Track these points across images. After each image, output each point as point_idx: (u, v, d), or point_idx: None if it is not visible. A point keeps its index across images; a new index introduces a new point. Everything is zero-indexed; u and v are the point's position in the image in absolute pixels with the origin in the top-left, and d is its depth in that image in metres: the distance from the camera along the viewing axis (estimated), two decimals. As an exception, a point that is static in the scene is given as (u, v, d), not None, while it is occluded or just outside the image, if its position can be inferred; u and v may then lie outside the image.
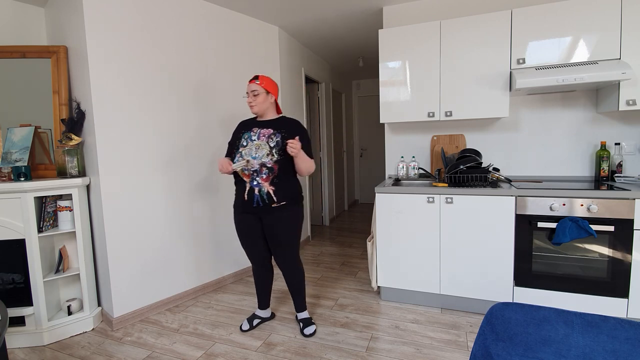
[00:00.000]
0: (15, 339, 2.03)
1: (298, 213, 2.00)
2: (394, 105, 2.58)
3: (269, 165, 1.87)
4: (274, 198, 1.90)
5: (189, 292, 2.62)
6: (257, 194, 1.89)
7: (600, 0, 2.08)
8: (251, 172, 1.88)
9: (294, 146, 1.77)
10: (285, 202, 1.93)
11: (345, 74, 5.64)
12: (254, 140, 1.92)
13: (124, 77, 2.21)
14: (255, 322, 2.20)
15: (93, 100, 2.08)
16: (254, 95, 1.94)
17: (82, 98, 2.18)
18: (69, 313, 2.19)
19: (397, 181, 2.70)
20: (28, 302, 2.07)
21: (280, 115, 2.06)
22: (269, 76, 2.06)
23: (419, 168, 2.78)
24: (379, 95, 2.62)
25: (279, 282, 2.88)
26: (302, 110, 3.96)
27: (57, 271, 2.18)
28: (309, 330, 2.08)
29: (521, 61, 2.25)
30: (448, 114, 2.44)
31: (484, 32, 2.31)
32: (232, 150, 1.99)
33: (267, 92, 1.96)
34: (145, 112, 2.32)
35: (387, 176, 2.97)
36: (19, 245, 2.03)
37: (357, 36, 3.67)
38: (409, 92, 2.53)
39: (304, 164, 1.90)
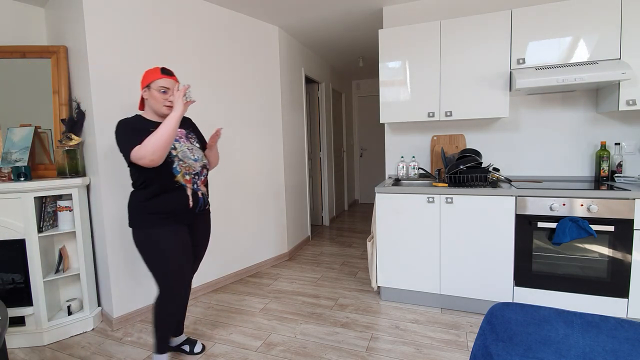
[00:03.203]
0: (15, 339, 2.03)
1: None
2: (394, 105, 2.58)
3: (207, 168, 1.78)
4: (208, 200, 1.79)
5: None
6: (201, 197, 1.72)
7: (600, 0, 2.08)
8: (192, 175, 1.67)
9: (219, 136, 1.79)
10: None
11: (345, 74, 5.64)
12: (179, 141, 1.67)
13: (124, 77, 2.20)
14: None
15: (93, 100, 2.08)
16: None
17: (82, 98, 2.18)
18: (69, 313, 2.19)
19: (397, 181, 2.70)
20: (28, 302, 2.06)
21: None
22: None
23: (419, 168, 2.78)
24: (379, 95, 2.62)
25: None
26: (302, 110, 3.96)
27: (57, 271, 2.18)
28: None
29: (521, 61, 2.25)
30: (448, 114, 2.44)
31: (484, 32, 2.31)
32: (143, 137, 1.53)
33: None
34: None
35: (387, 176, 2.97)
36: (19, 245, 2.03)
37: (357, 36, 3.67)
38: (409, 92, 2.53)
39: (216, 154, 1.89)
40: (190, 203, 1.67)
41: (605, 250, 1.97)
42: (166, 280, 1.64)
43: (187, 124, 1.82)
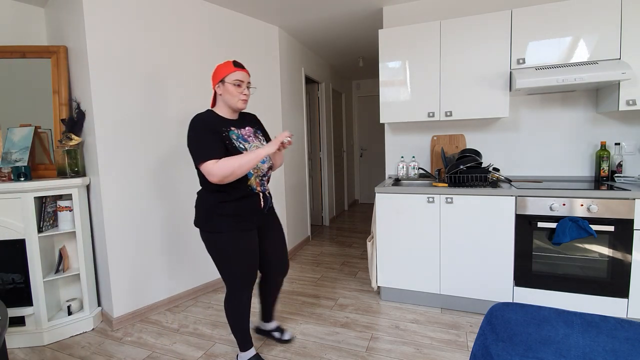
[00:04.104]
0: (15, 339, 2.03)
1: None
2: (394, 105, 2.58)
3: (271, 168, 1.76)
4: (271, 199, 1.80)
5: (189, 292, 2.62)
6: (268, 196, 1.74)
7: (600, 0, 2.08)
8: (260, 177, 1.68)
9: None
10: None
11: (345, 74, 5.63)
12: (248, 141, 1.64)
13: (124, 77, 2.20)
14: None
15: (93, 100, 2.08)
16: (247, 88, 1.63)
17: (82, 98, 2.18)
18: (69, 313, 2.18)
19: (397, 181, 2.70)
20: (28, 302, 2.06)
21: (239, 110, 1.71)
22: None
23: (419, 168, 2.78)
24: (379, 95, 2.62)
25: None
26: (302, 110, 3.96)
27: (57, 271, 2.18)
28: None
29: (521, 61, 2.25)
30: (448, 114, 2.44)
31: (484, 32, 2.31)
32: (225, 147, 1.55)
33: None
34: (145, 111, 2.32)
35: (387, 176, 2.97)
36: (19, 245, 2.03)
37: (357, 36, 3.66)
38: (409, 92, 2.53)
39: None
40: (262, 203, 1.69)
41: (605, 250, 1.97)
42: (233, 281, 1.66)
43: (253, 121, 1.77)
